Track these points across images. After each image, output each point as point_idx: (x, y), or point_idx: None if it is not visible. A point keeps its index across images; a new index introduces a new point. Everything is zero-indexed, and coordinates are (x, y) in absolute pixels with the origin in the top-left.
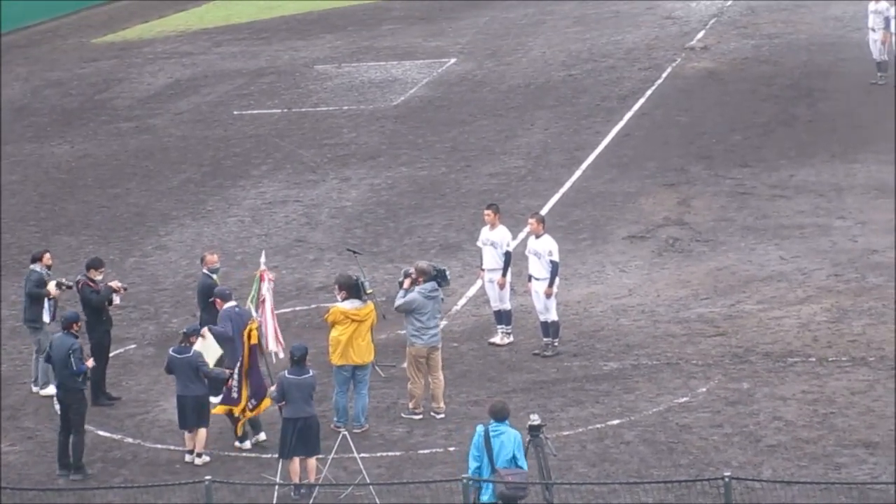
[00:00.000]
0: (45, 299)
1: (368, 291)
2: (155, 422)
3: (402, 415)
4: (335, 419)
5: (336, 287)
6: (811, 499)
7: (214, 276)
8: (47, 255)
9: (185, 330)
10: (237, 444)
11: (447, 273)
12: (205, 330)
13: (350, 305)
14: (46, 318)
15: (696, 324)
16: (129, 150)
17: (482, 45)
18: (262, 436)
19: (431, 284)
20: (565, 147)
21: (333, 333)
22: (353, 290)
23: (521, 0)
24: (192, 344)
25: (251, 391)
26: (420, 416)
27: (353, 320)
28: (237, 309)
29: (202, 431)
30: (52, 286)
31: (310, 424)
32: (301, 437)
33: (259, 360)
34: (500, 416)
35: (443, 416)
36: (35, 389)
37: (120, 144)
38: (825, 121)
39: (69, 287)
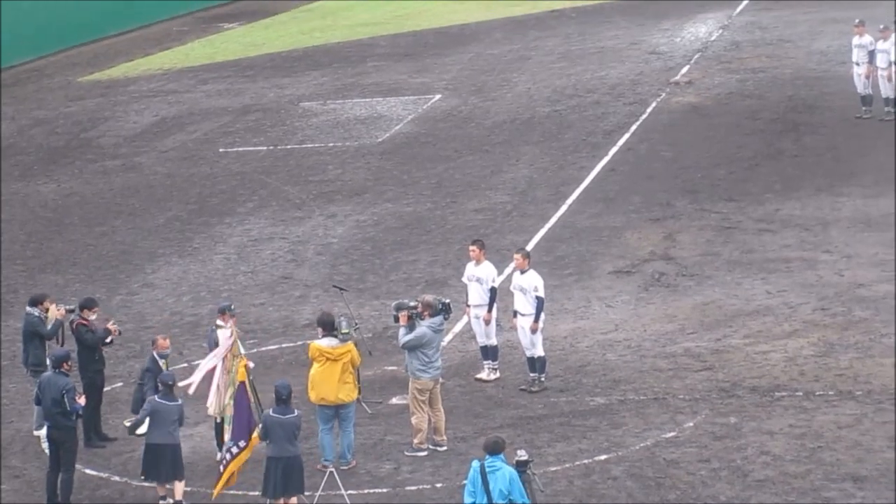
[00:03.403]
0: (46, 342)
1: (344, 331)
2: (141, 460)
3: (406, 453)
4: (322, 458)
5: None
6: None
7: (162, 361)
8: (48, 301)
9: (169, 381)
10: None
11: (451, 305)
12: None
13: (326, 343)
14: (48, 360)
15: (682, 358)
16: (115, 188)
17: (467, 81)
18: None
19: (439, 318)
20: (551, 182)
21: (311, 370)
22: (330, 327)
23: (505, 35)
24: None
25: (236, 432)
26: (425, 453)
27: (327, 358)
28: (212, 328)
29: (180, 484)
30: (55, 309)
31: (293, 464)
32: (284, 476)
33: (248, 398)
34: (493, 450)
35: (445, 448)
36: (36, 433)
37: (106, 182)
38: (810, 155)
39: (71, 310)
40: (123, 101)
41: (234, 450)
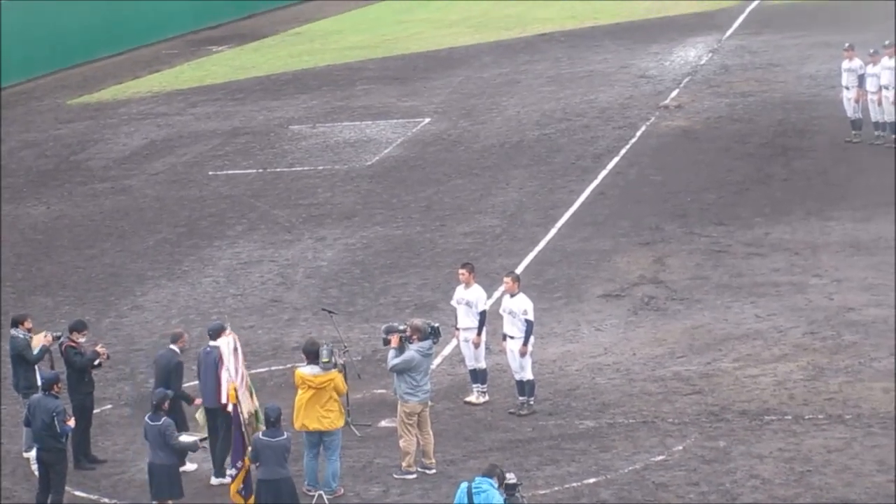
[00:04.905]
0: (37, 365)
1: (324, 360)
2: (131, 482)
3: (394, 475)
4: (305, 482)
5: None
6: None
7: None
8: (28, 321)
9: (154, 401)
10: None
11: (440, 329)
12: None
13: (309, 371)
14: (39, 382)
15: (672, 382)
16: (104, 210)
17: (456, 105)
18: None
19: (428, 343)
20: (540, 206)
21: (296, 397)
22: (314, 356)
23: (495, 59)
24: (164, 411)
25: (233, 454)
26: (414, 476)
27: (310, 386)
28: (207, 349)
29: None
30: (42, 337)
31: (283, 487)
32: (275, 499)
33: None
34: (486, 472)
35: (434, 471)
36: (26, 455)
37: (95, 205)
38: (800, 179)
39: (57, 338)
40: (113, 124)
41: (233, 472)
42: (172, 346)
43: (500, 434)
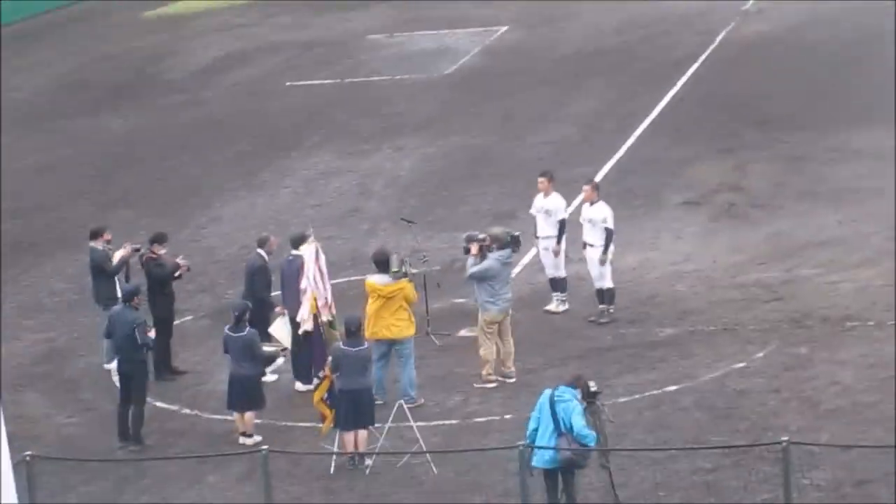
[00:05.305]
0: (116, 276)
1: (394, 269)
2: (212, 393)
3: (474, 385)
4: (373, 390)
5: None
6: (871, 462)
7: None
8: (107, 233)
9: (236, 312)
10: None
11: (520, 238)
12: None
13: (378, 280)
14: (119, 294)
15: (752, 289)
16: (182, 122)
17: (534, 13)
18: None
19: (507, 251)
20: (619, 114)
21: (367, 306)
22: (384, 265)
23: None
24: (245, 322)
25: (316, 362)
26: (494, 385)
27: (379, 295)
28: (290, 257)
29: (250, 414)
30: (122, 249)
31: (363, 396)
32: (355, 408)
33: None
34: (570, 382)
35: (514, 380)
36: (106, 367)
37: (173, 117)
38: (882, 84)
39: (137, 249)
40: (189, 36)
41: (315, 381)
42: (259, 251)
43: (579, 342)
